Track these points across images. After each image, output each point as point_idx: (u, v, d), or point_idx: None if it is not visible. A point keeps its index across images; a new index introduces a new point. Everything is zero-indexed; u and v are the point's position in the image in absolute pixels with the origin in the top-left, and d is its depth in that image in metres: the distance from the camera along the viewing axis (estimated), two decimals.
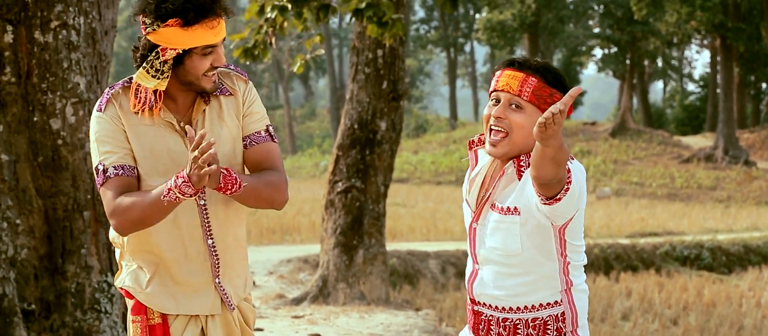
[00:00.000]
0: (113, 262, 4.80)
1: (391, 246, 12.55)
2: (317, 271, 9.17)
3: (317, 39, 7.64)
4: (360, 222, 8.80)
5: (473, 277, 2.48)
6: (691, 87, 53.45)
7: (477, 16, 47.97)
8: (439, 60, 67.37)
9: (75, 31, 4.60)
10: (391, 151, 8.91)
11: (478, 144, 2.53)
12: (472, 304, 2.50)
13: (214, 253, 2.59)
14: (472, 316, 2.50)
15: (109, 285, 4.73)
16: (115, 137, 2.53)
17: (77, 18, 4.60)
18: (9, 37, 4.47)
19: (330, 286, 8.86)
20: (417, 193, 26.52)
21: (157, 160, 2.54)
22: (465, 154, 35.11)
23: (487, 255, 2.45)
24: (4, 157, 4.53)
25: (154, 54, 2.49)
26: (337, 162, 8.91)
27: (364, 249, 8.80)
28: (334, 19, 47.87)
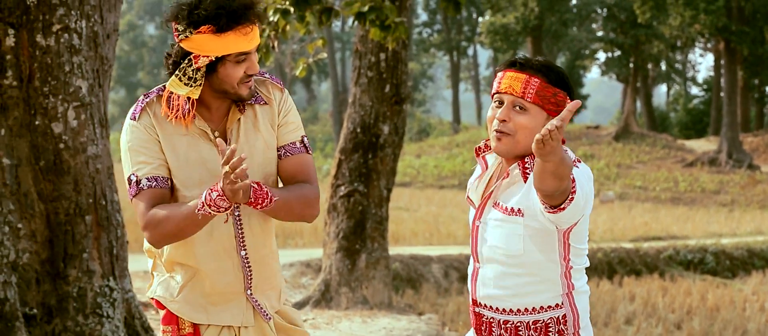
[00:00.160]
0: (115, 266, 4.79)
1: (393, 250, 12.53)
2: (320, 276, 9.15)
3: (320, 42, 7.63)
4: (362, 226, 8.78)
5: (475, 276, 2.48)
6: (694, 90, 53.41)
7: (480, 20, 47.96)
8: (441, 63, 67.37)
9: (77, 34, 4.59)
10: (393, 154, 8.89)
11: (484, 150, 2.52)
12: (473, 305, 2.50)
13: (247, 265, 2.56)
14: (474, 318, 2.50)
15: (111, 289, 4.72)
16: (148, 147, 2.49)
17: (79, 21, 4.59)
18: (11, 41, 4.46)
19: (332, 290, 8.84)
20: (420, 197, 26.50)
21: (192, 170, 2.50)
22: (468, 157, 35.17)
23: (488, 253, 2.44)
24: (6, 161, 4.52)
25: (186, 61, 2.45)
26: (339, 166, 8.89)
27: (366, 253, 8.78)
28: (337, 23, 47.85)
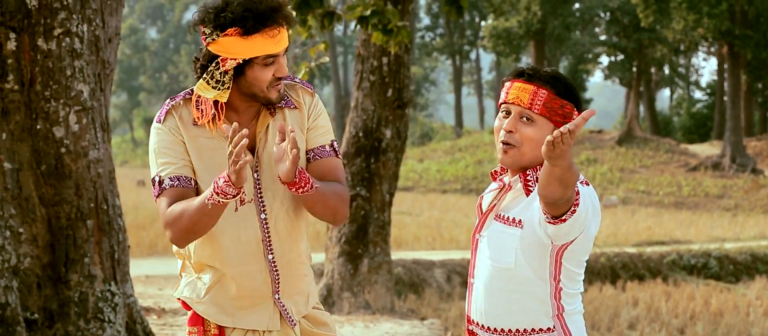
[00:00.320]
0: (116, 270, 4.78)
1: (396, 255, 12.51)
2: (322, 280, 9.13)
3: (322, 47, 7.63)
4: (365, 230, 8.76)
5: (470, 294, 2.47)
6: (698, 95, 53.37)
7: (483, 24, 47.96)
8: (444, 68, 67.38)
9: (78, 38, 4.58)
10: (396, 159, 8.88)
11: (501, 173, 2.49)
12: (468, 323, 2.49)
13: (274, 269, 2.54)
14: None
15: (113, 294, 4.71)
16: (173, 148, 2.48)
17: (80, 25, 4.59)
18: (12, 45, 4.46)
19: (334, 295, 8.82)
20: (422, 201, 26.48)
21: (217, 174, 2.46)
22: (471, 162, 35.13)
23: (481, 266, 2.43)
24: (7, 165, 4.51)
25: (214, 64, 2.43)
26: None
27: (368, 258, 8.76)
28: (339, 27, 47.90)
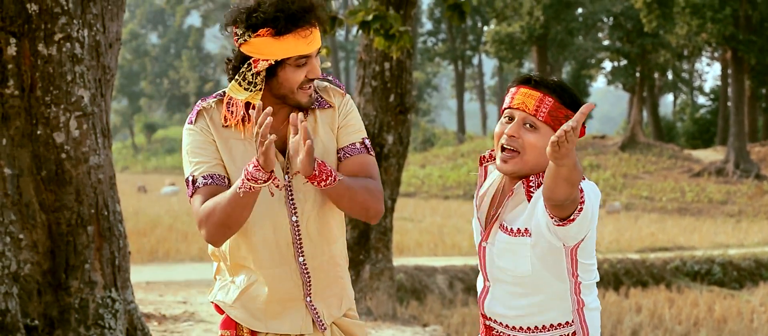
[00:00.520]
0: (117, 277, 4.76)
1: (398, 261, 12.49)
2: None
3: (324, 52, 7.58)
4: (367, 237, 8.74)
5: (484, 294, 2.48)
6: (701, 100, 53.32)
7: (485, 29, 47.98)
8: (446, 73, 67.41)
9: (79, 43, 4.56)
10: (398, 164, 8.86)
11: (489, 160, 2.50)
12: (483, 319, 2.51)
13: (305, 272, 2.51)
14: (485, 330, 2.51)
15: (113, 300, 4.69)
16: (205, 148, 2.48)
17: (81, 30, 4.57)
18: (12, 50, 4.44)
19: None
20: (424, 207, 26.45)
21: None
22: (473, 167, 35.15)
23: (497, 274, 2.44)
24: (8, 171, 4.49)
25: (246, 66, 2.42)
26: None
27: (370, 264, 8.74)
28: (341, 32, 47.98)
